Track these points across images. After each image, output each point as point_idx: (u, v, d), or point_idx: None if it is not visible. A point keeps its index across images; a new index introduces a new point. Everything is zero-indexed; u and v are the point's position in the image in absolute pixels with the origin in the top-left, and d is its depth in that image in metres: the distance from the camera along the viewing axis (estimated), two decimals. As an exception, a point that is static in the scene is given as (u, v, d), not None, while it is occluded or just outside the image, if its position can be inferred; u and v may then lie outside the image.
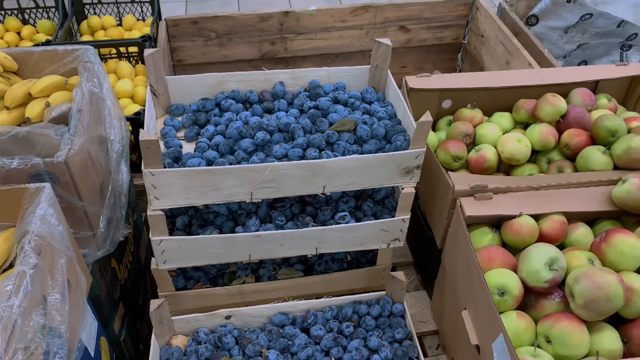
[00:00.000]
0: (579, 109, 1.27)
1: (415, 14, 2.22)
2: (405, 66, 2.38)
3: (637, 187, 1.03)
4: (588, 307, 0.86)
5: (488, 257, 0.99)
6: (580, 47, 2.46)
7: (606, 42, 2.50)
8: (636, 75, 1.41)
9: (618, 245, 0.94)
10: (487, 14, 2.08)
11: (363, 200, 1.18)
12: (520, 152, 1.23)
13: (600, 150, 1.17)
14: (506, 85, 1.37)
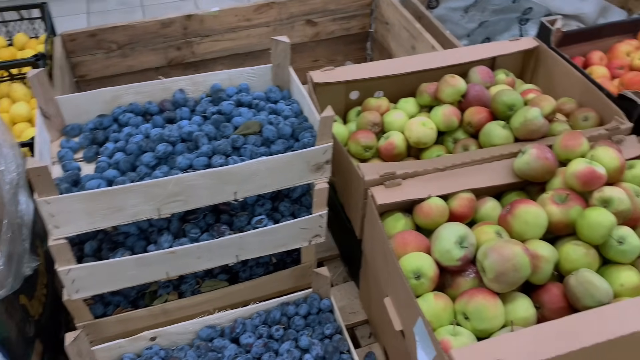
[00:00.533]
0: (478, 87, 1.31)
1: (319, 7, 2.22)
2: (317, 59, 2.38)
3: (535, 157, 1.07)
4: (498, 279, 0.89)
5: (402, 242, 1.00)
6: (481, 25, 2.55)
7: (505, 18, 2.61)
8: (529, 49, 1.47)
9: (522, 216, 0.98)
10: (389, 2, 2.11)
11: (280, 201, 1.17)
12: (426, 135, 1.25)
13: (500, 125, 1.21)
14: (409, 71, 1.39)
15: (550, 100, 1.25)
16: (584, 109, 1.30)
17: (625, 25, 1.66)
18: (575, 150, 1.10)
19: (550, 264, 0.94)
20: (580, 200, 1.02)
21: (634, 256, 0.97)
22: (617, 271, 0.97)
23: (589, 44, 1.65)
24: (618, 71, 1.50)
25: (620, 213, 0.98)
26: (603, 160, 1.05)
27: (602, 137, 1.20)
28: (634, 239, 0.97)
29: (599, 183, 1.01)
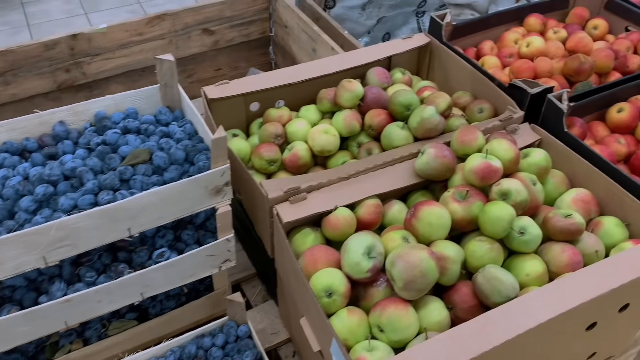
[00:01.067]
0: (375, 89, 1.30)
1: (214, 15, 2.15)
2: (219, 68, 2.31)
3: (434, 156, 1.08)
4: (408, 287, 0.88)
5: (312, 260, 0.97)
6: (380, 20, 2.58)
7: (402, 12, 2.65)
8: (422, 45, 1.48)
9: (425, 218, 0.97)
10: (285, 4, 2.08)
11: (182, 229, 1.10)
12: (329, 143, 1.23)
13: (399, 126, 1.21)
14: (307, 78, 1.36)
15: (444, 96, 1.26)
16: (479, 100, 1.33)
17: (512, 13, 1.73)
18: (471, 145, 1.11)
19: (457, 264, 0.94)
20: (481, 196, 1.03)
21: (536, 245, 1.00)
22: (522, 261, 0.99)
23: (479, 34, 1.70)
24: (508, 60, 1.55)
25: (519, 204, 1.00)
26: (498, 153, 1.07)
27: (497, 128, 1.22)
28: (534, 228, 0.99)
29: (496, 176, 1.03)
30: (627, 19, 1.68)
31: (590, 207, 1.09)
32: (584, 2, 1.77)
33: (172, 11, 2.04)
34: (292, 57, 2.17)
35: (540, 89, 1.27)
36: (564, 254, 0.99)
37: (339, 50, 1.77)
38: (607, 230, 1.05)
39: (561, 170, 1.19)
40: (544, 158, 1.11)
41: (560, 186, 1.14)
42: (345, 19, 2.48)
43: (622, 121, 1.32)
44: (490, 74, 1.37)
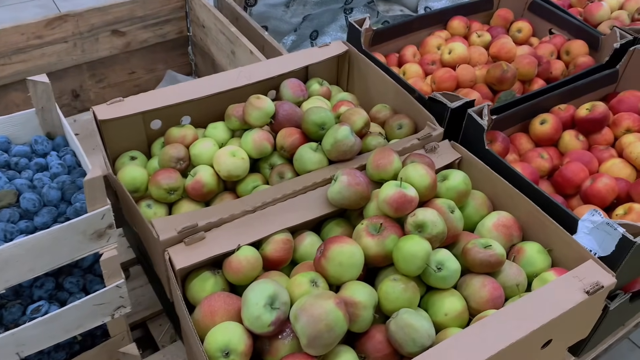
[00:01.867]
0: (287, 106, 1.20)
1: (124, 15, 1.98)
2: (133, 71, 2.15)
3: (347, 185, 0.99)
4: (313, 344, 0.78)
5: (210, 311, 0.86)
6: (306, 18, 2.46)
7: (329, 9, 2.55)
8: (339, 54, 1.38)
9: (335, 257, 0.88)
10: (202, 3, 1.94)
11: (65, 276, 0.97)
12: (237, 167, 1.12)
13: (312, 148, 1.11)
14: (212, 93, 1.24)
15: (361, 113, 1.17)
16: (398, 115, 1.25)
17: (436, 16, 1.66)
18: (387, 169, 1.03)
19: (369, 309, 0.85)
20: (396, 228, 0.95)
21: (454, 280, 0.93)
22: (441, 299, 0.92)
23: (402, 38, 1.62)
24: (430, 67, 1.48)
25: (435, 237, 0.93)
26: (414, 180, 0.99)
27: (416, 147, 1.15)
28: (452, 262, 0.92)
29: (411, 206, 0.95)
30: (550, 22, 1.65)
31: (512, 232, 1.03)
32: (508, 3, 1.72)
33: (75, 11, 1.86)
34: (211, 59, 2.03)
35: (461, 102, 1.20)
36: (484, 289, 0.92)
37: (257, 54, 1.65)
38: (528, 258, 0.99)
39: (483, 190, 1.12)
40: (463, 181, 1.04)
41: (481, 209, 1.08)
42: (269, 17, 2.35)
43: (545, 134, 1.27)
44: (410, 85, 1.29)
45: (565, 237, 0.99)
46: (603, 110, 1.25)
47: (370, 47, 1.56)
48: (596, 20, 1.65)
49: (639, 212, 1.06)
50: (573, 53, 1.52)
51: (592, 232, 0.98)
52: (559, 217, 1.02)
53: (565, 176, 1.16)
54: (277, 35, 2.56)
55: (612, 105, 1.35)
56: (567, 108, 1.31)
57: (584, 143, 1.26)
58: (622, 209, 1.08)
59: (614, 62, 1.43)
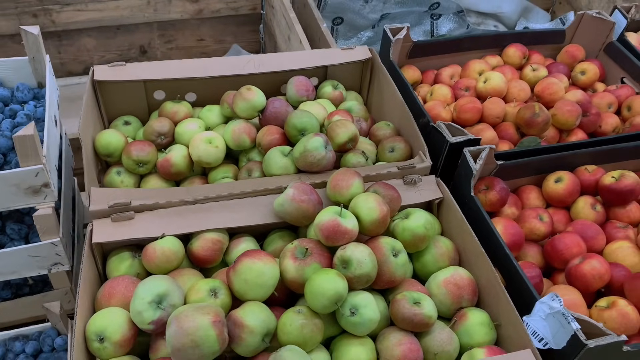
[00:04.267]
0: (278, 103, 1.15)
1: (202, -20, 2.02)
2: (202, 39, 2.20)
3: (290, 199, 0.92)
4: (177, 355, 0.74)
5: (108, 293, 0.85)
6: (385, 17, 2.37)
7: (414, 12, 2.43)
8: (362, 60, 1.30)
9: (243, 273, 0.83)
10: (278, -18, 1.92)
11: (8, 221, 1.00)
12: (209, 154, 1.09)
13: (284, 152, 1.06)
14: (215, 75, 1.22)
15: (347, 127, 1.09)
16: (395, 138, 1.15)
17: (493, 39, 1.50)
18: (342, 192, 0.95)
19: (257, 336, 0.79)
20: (323, 257, 0.88)
21: (369, 329, 0.84)
22: (347, 346, 0.84)
23: (449, 56, 1.50)
24: (462, 93, 1.35)
25: (358, 278, 0.84)
26: (360, 211, 0.90)
27: (393, 175, 1.05)
28: (370, 310, 0.83)
29: (345, 238, 0.87)
30: (624, 69, 1.43)
31: (462, 293, 0.91)
32: (583, 40, 1.52)
33: (154, -30, 1.92)
34: (274, 41, 2.03)
35: (463, 139, 1.08)
36: (399, 347, 0.83)
37: (305, 44, 1.61)
38: (468, 327, 0.88)
39: (455, 240, 1.01)
40: (423, 224, 0.94)
41: (441, 259, 0.97)
42: (345, 9, 2.29)
43: (557, 194, 1.11)
44: (422, 107, 1.18)
45: (513, 316, 0.86)
46: (632, 182, 1.06)
47: (408, 60, 1.46)
48: (679, 77, 1.41)
49: (622, 309, 0.89)
50: (635, 109, 1.31)
51: (548, 319, 0.84)
52: (521, 291, 0.90)
53: (556, 247, 1.00)
54: (352, 29, 2.49)
55: (653, 180, 1.15)
56: (596, 171, 1.14)
57: (599, 215, 1.08)
58: (605, 301, 0.92)
59: (678, 131, 1.21)
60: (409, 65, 1.43)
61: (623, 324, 0.88)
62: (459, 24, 2.55)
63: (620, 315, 0.89)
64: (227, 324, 0.79)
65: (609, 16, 1.47)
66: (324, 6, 2.31)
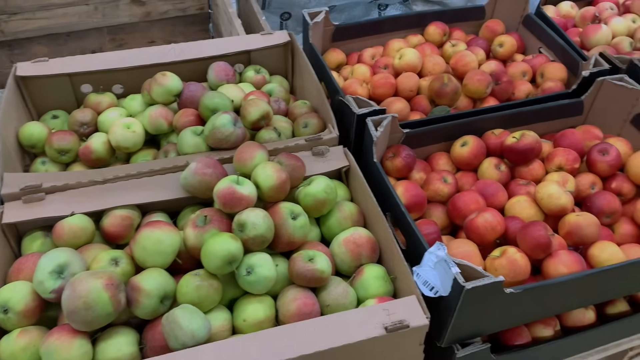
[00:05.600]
0: (193, 87, 1.20)
1: (145, -16, 2.06)
2: (153, 41, 2.24)
3: (193, 172, 0.97)
4: (70, 318, 0.79)
5: (17, 268, 0.90)
6: (331, 9, 2.42)
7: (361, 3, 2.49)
8: (282, 44, 1.35)
9: (142, 241, 0.88)
10: (217, -19, 1.96)
11: None
12: (127, 139, 1.14)
13: (196, 132, 1.10)
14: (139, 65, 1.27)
15: (259, 105, 1.14)
16: (308, 114, 1.20)
17: (414, 19, 1.56)
18: (246, 164, 1.00)
19: (154, 299, 0.84)
20: (223, 224, 0.92)
21: (265, 287, 0.88)
22: (245, 305, 0.88)
23: (374, 38, 1.55)
24: (381, 71, 1.40)
25: (253, 239, 0.89)
26: (258, 179, 0.95)
27: (302, 147, 1.10)
28: (264, 269, 0.88)
29: (242, 204, 0.92)
30: (541, 39, 1.49)
31: (361, 251, 0.96)
32: (502, 14, 1.58)
33: (95, -23, 1.97)
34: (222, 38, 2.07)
35: (368, 110, 1.13)
36: (294, 302, 0.87)
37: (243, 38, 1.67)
38: (363, 281, 0.93)
39: (360, 204, 1.06)
40: (324, 189, 0.99)
41: (344, 222, 1.01)
42: (293, 4, 2.34)
43: (462, 157, 1.16)
44: (337, 85, 1.23)
45: (404, 269, 0.90)
46: (531, 141, 1.11)
47: (332, 43, 1.51)
48: (591, 43, 1.46)
49: (511, 257, 0.93)
50: (547, 76, 1.37)
51: (437, 268, 0.89)
52: (417, 245, 0.94)
53: (456, 205, 1.05)
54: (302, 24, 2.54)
55: (555, 139, 1.20)
56: (502, 134, 1.19)
57: (503, 174, 1.13)
58: (498, 250, 0.96)
59: (583, 91, 1.26)
60: (333, 49, 1.48)
61: (512, 270, 0.93)
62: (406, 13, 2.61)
63: (509, 262, 0.93)
64: (125, 289, 0.84)
65: (523, -10, 1.52)
66: (270, 2, 2.37)
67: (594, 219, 1.01)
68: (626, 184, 1.11)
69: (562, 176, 1.09)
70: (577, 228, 0.99)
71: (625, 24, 1.50)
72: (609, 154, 1.12)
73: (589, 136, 1.21)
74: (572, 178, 1.10)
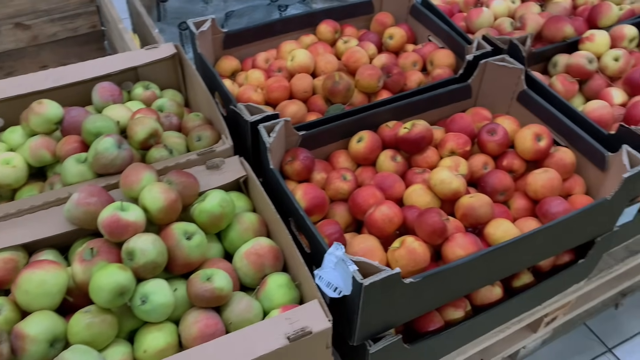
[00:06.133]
0: (75, 112, 1.14)
1: (27, 8, 1.95)
2: (45, 65, 2.12)
3: (76, 203, 0.92)
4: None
5: None
6: (231, 15, 2.39)
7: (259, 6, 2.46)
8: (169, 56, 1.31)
9: (23, 284, 0.82)
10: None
11: None
12: (7, 175, 1.07)
13: (80, 160, 1.05)
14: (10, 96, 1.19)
15: (145, 123, 1.09)
16: (202, 127, 1.17)
17: (305, 19, 1.55)
18: (133, 188, 0.96)
19: (42, 344, 0.79)
20: (111, 254, 0.88)
21: (162, 315, 0.85)
22: (145, 335, 0.85)
23: (267, 41, 1.53)
24: (275, 74, 1.38)
25: (143, 267, 0.85)
26: (146, 202, 0.91)
27: (194, 163, 1.07)
28: (159, 295, 0.84)
29: (129, 232, 0.88)
30: (429, 28, 1.52)
31: (263, 261, 0.94)
32: (390, 6, 1.60)
33: (-27, 3, 1.84)
34: (116, 56, 1.99)
35: (261, 116, 1.11)
36: (195, 325, 0.85)
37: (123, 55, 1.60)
38: (267, 292, 0.91)
39: (262, 213, 1.04)
40: (219, 203, 0.96)
41: (246, 234, 0.99)
42: (187, 13, 2.29)
43: (360, 153, 1.17)
44: (228, 94, 1.20)
45: (305, 273, 0.90)
46: (421, 129, 1.13)
47: (224, 50, 1.48)
48: (475, 27, 1.51)
49: (409, 246, 0.94)
50: (436, 64, 1.40)
51: (337, 268, 0.89)
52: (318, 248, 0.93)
53: (355, 201, 1.06)
54: (201, 32, 2.48)
55: (446, 125, 1.23)
56: (396, 126, 1.20)
57: (399, 165, 1.15)
58: (398, 241, 0.98)
59: (469, 75, 1.30)
60: (226, 56, 1.46)
61: (412, 260, 0.94)
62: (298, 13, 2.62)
63: (408, 252, 0.94)
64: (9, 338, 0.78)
65: (406, -19, 1.55)
66: (164, 14, 2.30)
67: (486, 198, 1.04)
68: (516, 160, 1.15)
69: (454, 160, 1.12)
70: (471, 209, 1.02)
71: (505, 5, 1.56)
72: (497, 134, 1.16)
73: (478, 118, 1.25)
74: (464, 161, 1.13)
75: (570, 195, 1.15)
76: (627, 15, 1.56)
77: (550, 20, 1.43)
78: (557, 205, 1.04)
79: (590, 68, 1.35)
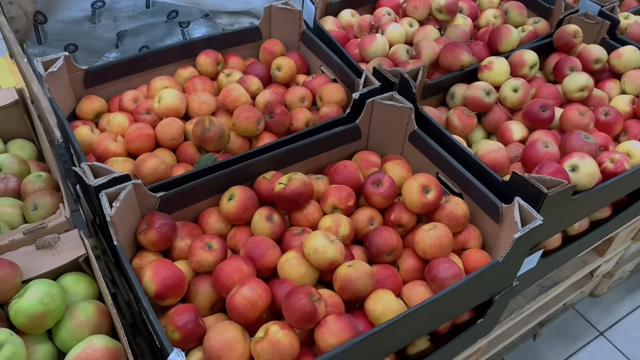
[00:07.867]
0: None
1: None
2: None
3: None
4: None
5: None
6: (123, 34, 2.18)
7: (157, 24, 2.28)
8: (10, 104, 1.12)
9: None
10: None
11: None
12: None
13: None
14: None
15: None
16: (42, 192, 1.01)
17: (184, 49, 1.39)
18: None
19: None
20: None
21: None
22: None
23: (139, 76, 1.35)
24: (144, 117, 1.21)
25: None
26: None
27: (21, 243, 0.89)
28: None
29: None
30: (320, 57, 1.39)
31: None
32: (280, 33, 1.46)
33: None
34: None
35: (107, 178, 0.94)
36: None
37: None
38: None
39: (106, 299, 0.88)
40: (39, 299, 0.79)
41: (79, 332, 0.83)
42: (74, 34, 2.06)
43: (230, 213, 1.01)
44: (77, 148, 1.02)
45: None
46: (297, 185, 0.99)
47: (86, 90, 1.29)
48: (369, 56, 1.39)
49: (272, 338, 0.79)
50: (325, 100, 1.27)
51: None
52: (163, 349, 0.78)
53: (217, 278, 0.90)
54: (93, 54, 2.28)
55: (330, 174, 1.10)
56: (274, 177, 1.06)
57: (276, 225, 1.00)
58: (262, 330, 0.83)
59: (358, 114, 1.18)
60: (88, 96, 1.27)
61: (276, 354, 0.80)
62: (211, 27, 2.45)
63: (271, 345, 0.80)
64: None
65: (294, 5, 1.41)
66: (45, 36, 2.08)
67: (365, 267, 0.91)
68: (404, 214, 1.04)
69: (335, 219, 0.99)
70: (347, 282, 0.89)
71: (401, 30, 1.45)
72: (382, 185, 1.04)
73: (365, 164, 1.12)
74: (346, 219, 1.00)
75: (465, 249, 1.04)
76: (529, 37, 1.48)
77: (446, 47, 1.33)
78: (445, 269, 0.93)
79: (488, 101, 1.26)
